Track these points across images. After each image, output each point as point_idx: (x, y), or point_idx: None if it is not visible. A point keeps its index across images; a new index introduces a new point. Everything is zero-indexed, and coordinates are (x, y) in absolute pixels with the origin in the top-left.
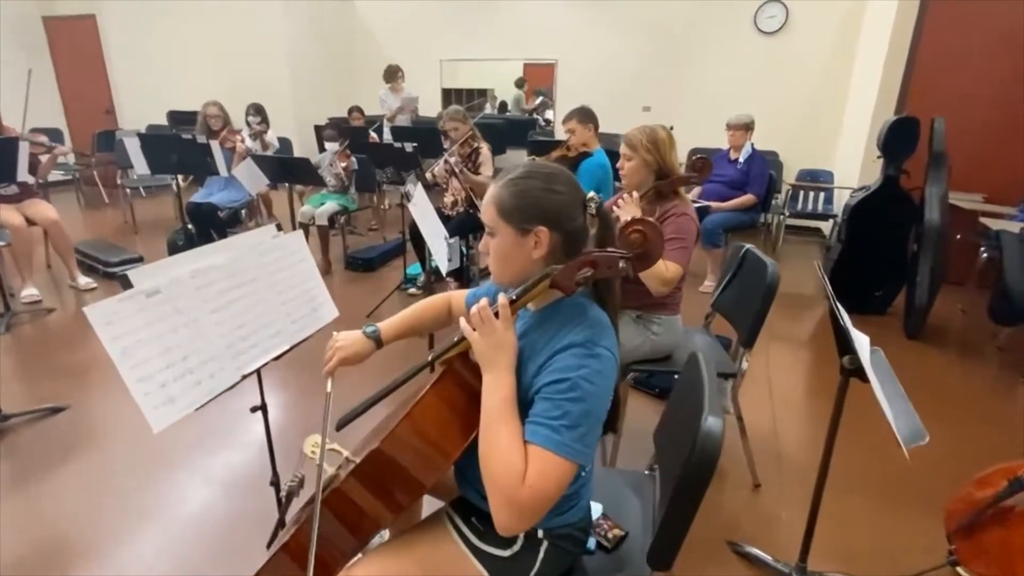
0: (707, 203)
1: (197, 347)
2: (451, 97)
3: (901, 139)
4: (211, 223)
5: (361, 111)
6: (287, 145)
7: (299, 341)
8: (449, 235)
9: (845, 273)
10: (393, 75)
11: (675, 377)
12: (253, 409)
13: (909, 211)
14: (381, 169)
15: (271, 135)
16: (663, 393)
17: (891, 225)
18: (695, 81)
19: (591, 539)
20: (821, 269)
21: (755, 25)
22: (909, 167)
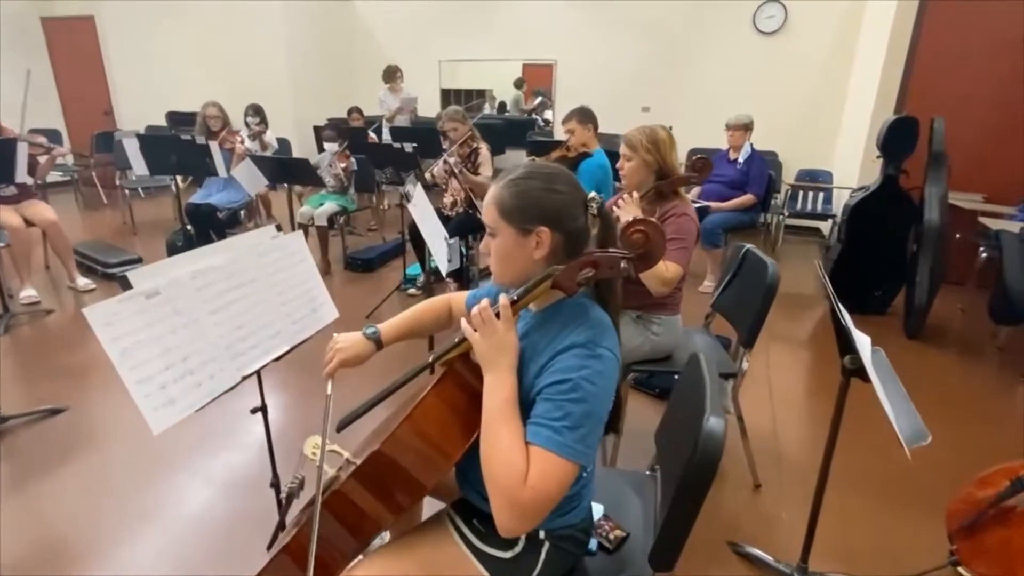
0: (706, 203)
1: (197, 348)
2: (450, 97)
3: (900, 139)
4: (210, 224)
5: (360, 111)
6: (286, 146)
7: (299, 342)
8: (449, 236)
9: (845, 273)
10: (392, 75)
11: (675, 377)
12: (253, 410)
13: (909, 211)
14: (380, 170)
15: (270, 136)
16: (663, 393)
17: (891, 225)
18: (694, 81)
19: (592, 540)
20: (822, 269)
21: (754, 25)
22: (908, 167)
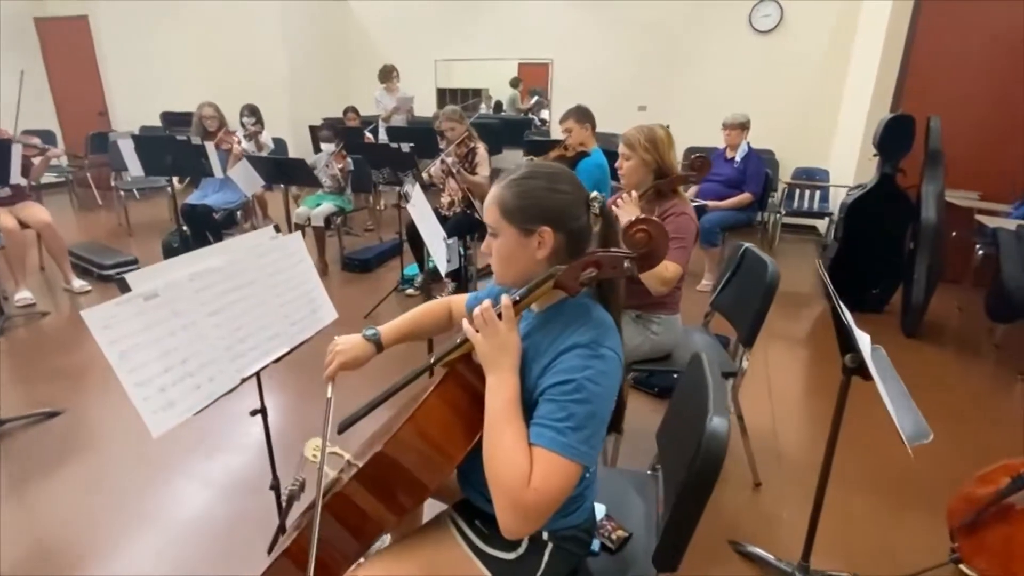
0: (704, 202)
1: (196, 350)
2: (446, 97)
3: (897, 137)
4: (206, 225)
5: (356, 111)
6: (282, 146)
7: (298, 343)
8: (447, 236)
9: (842, 271)
10: (388, 75)
11: (674, 376)
12: (253, 412)
13: (905, 209)
14: (377, 170)
15: (266, 136)
16: (662, 392)
17: (887, 223)
18: (690, 80)
19: (595, 541)
20: (822, 268)
21: (750, 24)
22: (905, 165)
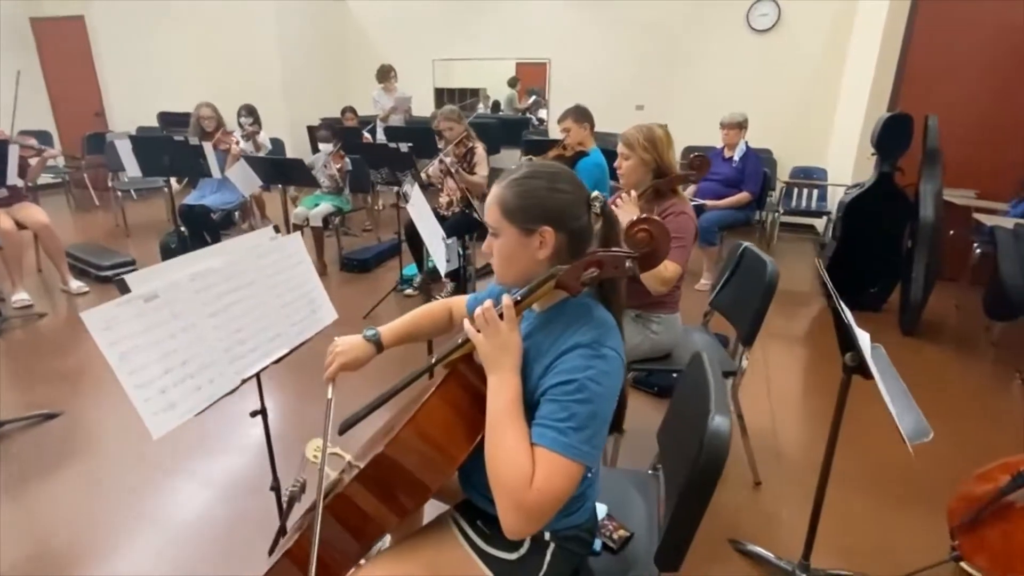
0: (702, 201)
1: (196, 352)
2: (444, 97)
3: (895, 136)
4: (204, 225)
5: (354, 111)
6: (279, 146)
7: (299, 344)
8: (446, 236)
9: (840, 270)
10: (386, 75)
11: (673, 376)
12: (253, 413)
13: (903, 208)
14: (376, 170)
15: (263, 136)
16: (662, 392)
17: (886, 222)
18: (688, 79)
19: (597, 540)
20: (822, 267)
21: (747, 23)
22: (903, 164)
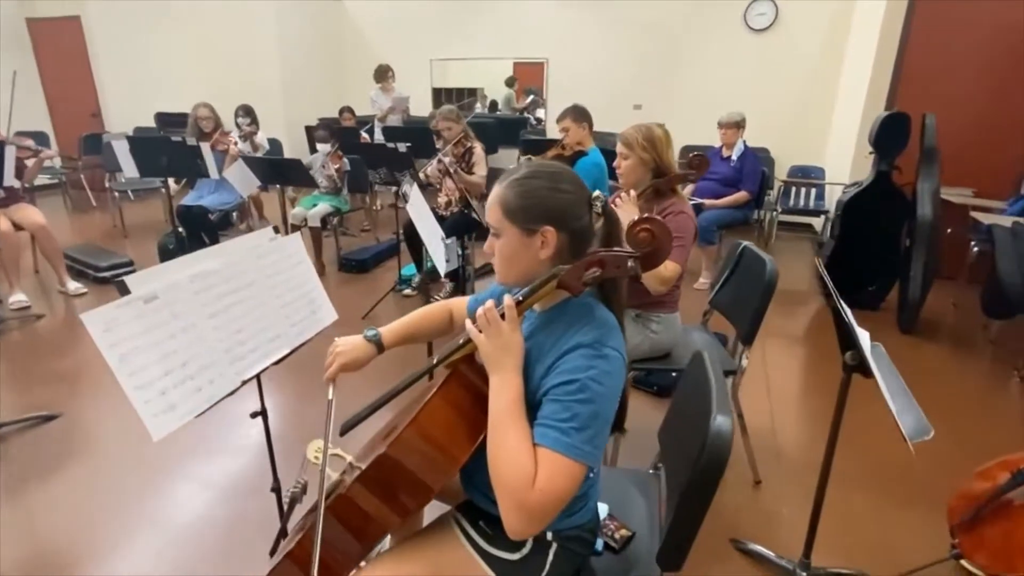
0: (701, 200)
1: (196, 353)
2: (441, 97)
3: (893, 135)
4: (202, 226)
5: (352, 111)
6: (277, 146)
7: (299, 345)
8: (445, 236)
9: (838, 269)
10: (383, 75)
11: (673, 375)
12: (253, 414)
13: (901, 206)
14: (374, 170)
15: (261, 137)
16: (661, 391)
17: (884, 220)
18: (686, 79)
19: (598, 540)
20: (822, 266)
21: (745, 23)
22: (900, 163)
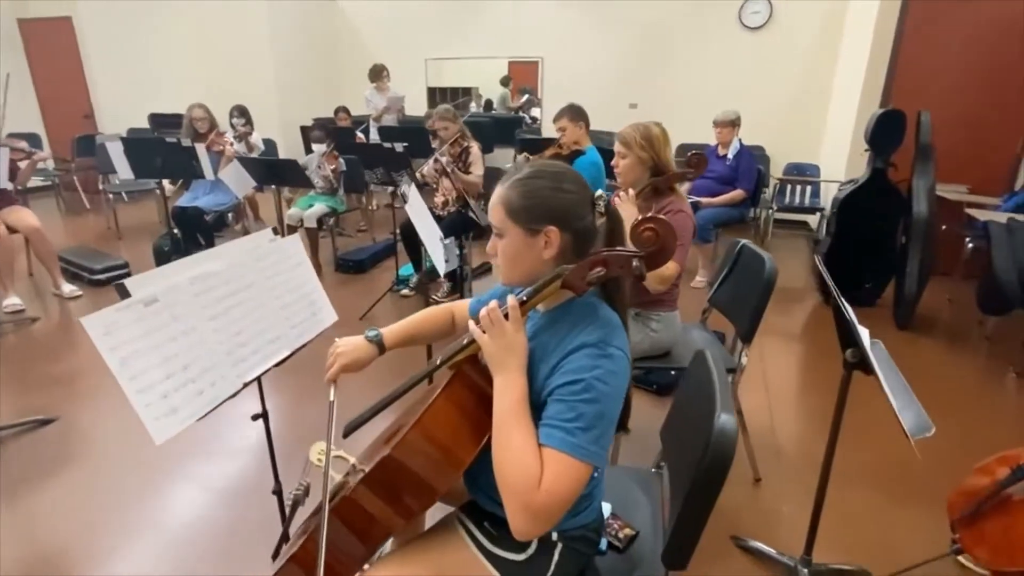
0: (697, 199)
1: (197, 355)
2: (436, 96)
3: (888, 132)
4: (197, 227)
5: (347, 111)
6: (272, 147)
7: (299, 346)
8: (443, 236)
9: (835, 266)
10: (378, 74)
11: (672, 373)
12: (255, 417)
13: (897, 203)
14: (371, 170)
15: (256, 137)
16: (661, 389)
17: (879, 218)
18: (681, 77)
19: (602, 539)
20: (822, 264)
21: (740, 21)
22: (895, 160)
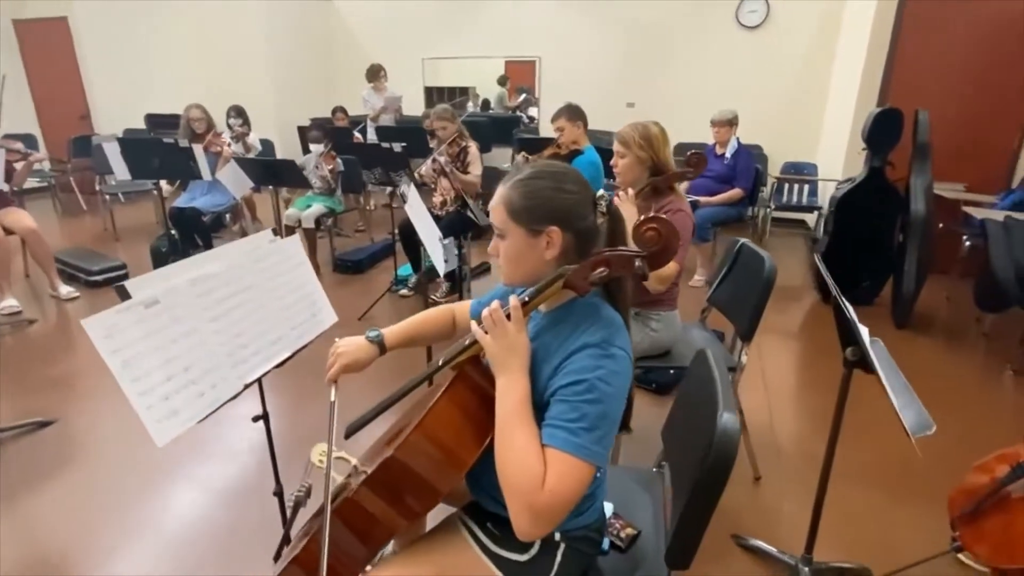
0: (695, 198)
1: (198, 357)
2: (433, 96)
3: (885, 131)
4: (195, 228)
5: (345, 111)
6: (269, 147)
7: (300, 347)
8: (442, 236)
9: (832, 264)
10: (376, 74)
11: (671, 372)
12: (255, 418)
13: (895, 202)
14: (369, 170)
15: (253, 137)
16: (660, 388)
17: (877, 216)
18: (679, 76)
19: (605, 539)
20: (822, 263)
21: (737, 20)
22: (892, 158)
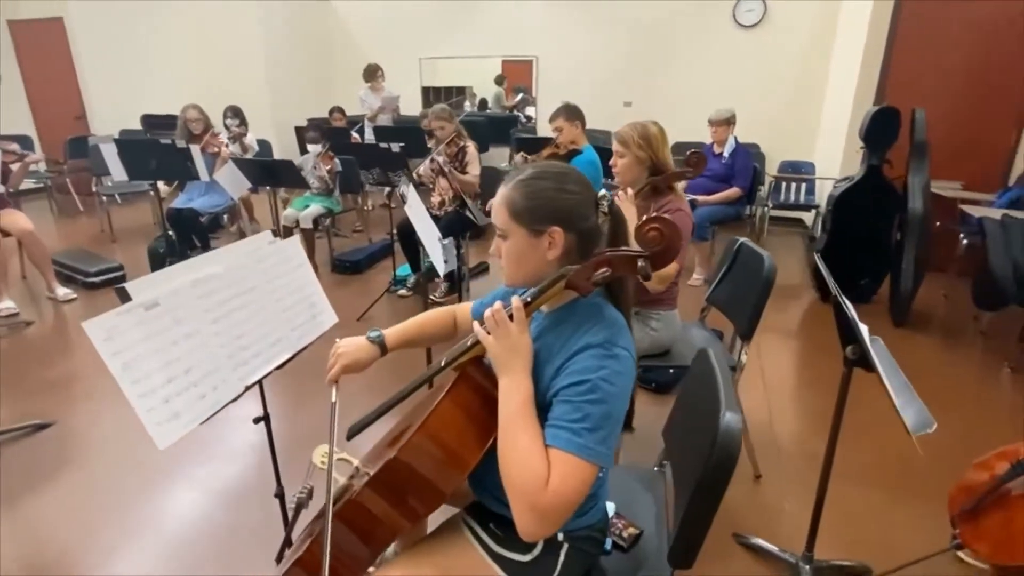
0: (693, 197)
1: (198, 359)
2: (431, 95)
3: (883, 129)
4: (192, 229)
5: (342, 111)
6: (266, 147)
7: (300, 349)
8: (441, 236)
9: (830, 263)
10: (373, 74)
11: (671, 372)
12: (256, 420)
13: (892, 200)
14: (367, 170)
15: (250, 138)
16: (660, 388)
17: (875, 214)
18: (676, 76)
19: (607, 539)
20: (822, 262)
21: (734, 19)
22: (890, 157)
